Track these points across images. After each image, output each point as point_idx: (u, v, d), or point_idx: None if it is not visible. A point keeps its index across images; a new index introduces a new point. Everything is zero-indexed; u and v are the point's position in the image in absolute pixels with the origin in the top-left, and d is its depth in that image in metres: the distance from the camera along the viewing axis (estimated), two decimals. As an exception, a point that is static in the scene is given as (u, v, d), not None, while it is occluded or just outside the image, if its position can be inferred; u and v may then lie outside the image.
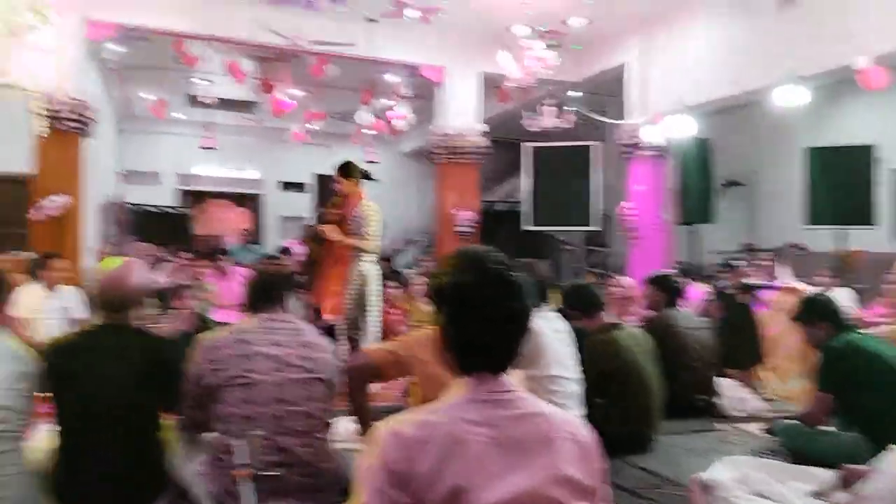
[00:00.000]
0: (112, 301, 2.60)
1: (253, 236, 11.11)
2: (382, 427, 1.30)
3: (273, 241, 14.49)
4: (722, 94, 7.55)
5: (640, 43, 8.59)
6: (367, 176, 5.16)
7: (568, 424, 1.37)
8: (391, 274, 7.16)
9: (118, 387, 2.48)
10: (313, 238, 5.12)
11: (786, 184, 8.47)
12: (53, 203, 6.97)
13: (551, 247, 11.23)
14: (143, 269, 2.73)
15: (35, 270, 5.49)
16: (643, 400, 3.62)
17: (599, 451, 1.40)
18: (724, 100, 7.70)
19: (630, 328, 3.92)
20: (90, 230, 8.14)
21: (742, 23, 7.28)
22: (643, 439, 3.63)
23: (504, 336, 1.36)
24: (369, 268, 5.01)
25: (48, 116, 6.67)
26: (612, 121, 9.02)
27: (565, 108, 8.14)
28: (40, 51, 5.81)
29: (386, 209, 13.20)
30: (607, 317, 3.91)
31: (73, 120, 7.27)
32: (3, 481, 2.31)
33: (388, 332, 6.16)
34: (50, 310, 5.51)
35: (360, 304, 4.93)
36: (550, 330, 3.16)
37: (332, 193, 5.17)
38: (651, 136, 8.21)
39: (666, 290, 4.60)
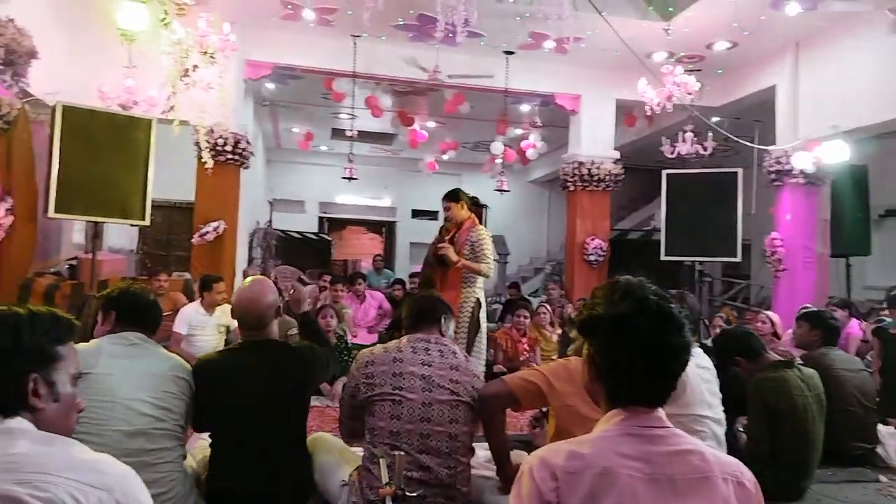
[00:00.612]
0: (247, 317, 2.71)
1: (385, 261, 11.43)
2: (532, 457, 1.29)
3: (403, 266, 14.98)
4: (882, 119, 6.99)
5: (791, 65, 8.14)
6: (476, 203, 5.09)
7: (728, 465, 1.31)
8: (520, 301, 7.13)
9: (263, 399, 2.58)
10: (432, 260, 5.08)
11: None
12: (212, 228, 7.49)
13: (687, 278, 10.78)
14: (272, 287, 2.80)
15: (201, 292, 5.85)
16: (803, 446, 3.34)
17: (761, 497, 1.32)
18: (884, 124, 7.12)
19: (802, 368, 3.62)
20: (242, 254, 8.67)
21: (906, 41, 6.73)
22: (797, 488, 3.36)
23: (662, 370, 1.32)
24: (480, 293, 4.96)
25: (212, 149, 7.21)
26: (761, 146, 8.58)
27: (707, 134, 7.84)
28: (205, 89, 6.31)
29: (513, 237, 13.32)
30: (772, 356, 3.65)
31: (233, 152, 7.82)
32: (162, 479, 2.41)
33: (512, 359, 6.19)
34: (207, 327, 5.87)
35: (474, 328, 4.89)
36: (694, 366, 3.01)
37: (445, 220, 5.15)
38: (802, 162, 7.71)
39: (822, 327, 4.25)
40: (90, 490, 1.20)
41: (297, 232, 14.24)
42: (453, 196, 4.95)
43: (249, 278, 2.89)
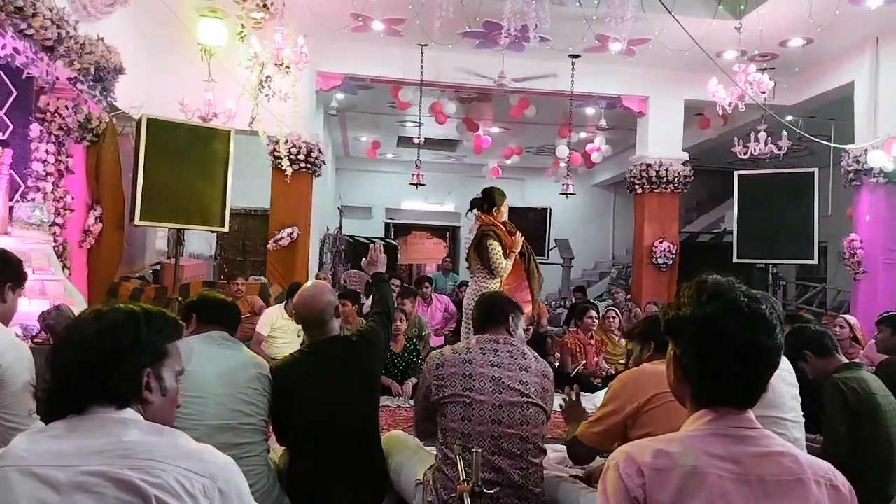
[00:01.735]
0: (308, 317, 2.82)
1: (450, 265, 11.59)
2: (618, 453, 1.28)
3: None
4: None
5: (870, 61, 7.79)
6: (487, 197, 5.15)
7: (821, 468, 1.27)
8: (586, 304, 7.03)
9: (336, 391, 2.66)
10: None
11: None
12: (286, 234, 7.67)
13: (760, 281, 10.47)
14: (329, 289, 2.90)
15: (288, 298, 5.91)
16: (888, 450, 3.14)
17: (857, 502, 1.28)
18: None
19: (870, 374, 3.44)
20: (314, 259, 8.85)
21: None
22: (883, 496, 3.15)
23: (753, 373, 1.29)
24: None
25: (287, 158, 7.41)
26: (837, 145, 8.26)
27: (781, 133, 7.58)
28: (283, 99, 6.36)
29: (578, 240, 13.19)
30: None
31: (306, 161, 8.01)
32: (249, 472, 2.42)
33: (577, 358, 6.12)
34: (288, 331, 5.99)
35: None
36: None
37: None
38: (881, 160, 7.38)
39: (906, 331, 4.01)
40: (195, 477, 1.26)
41: (365, 237, 14.37)
42: (489, 201, 5.09)
43: (309, 283, 2.99)
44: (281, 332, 5.95)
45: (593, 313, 6.29)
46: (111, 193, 6.23)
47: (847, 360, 3.40)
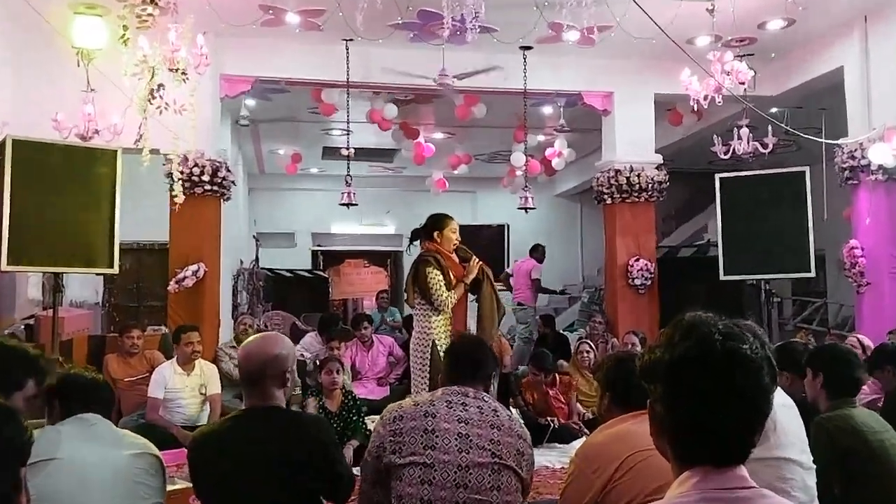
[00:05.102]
0: (254, 379, 2.68)
1: (387, 300, 11.41)
2: None
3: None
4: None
5: (859, 42, 8.08)
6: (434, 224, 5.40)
7: None
8: (554, 338, 7.06)
9: (271, 482, 2.53)
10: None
11: None
12: (191, 273, 7.52)
13: (752, 300, 10.69)
14: (285, 342, 2.81)
15: (172, 345, 5.90)
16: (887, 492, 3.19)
17: None
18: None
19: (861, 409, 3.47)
20: (226, 300, 8.68)
21: None
22: None
23: (735, 421, 1.31)
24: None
25: (186, 180, 7.25)
26: (829, 140, 8.52)
27: (766, 128, 7.79)
28: (178, 111, 6.15)
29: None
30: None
31: (211, 182, 7.84)
32: None
33: (546, 412, 6.13)
34: (185, 389, 5.90)
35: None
36: (778, 404, 2.94)
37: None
38: (880, 155, 7.63)
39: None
40: None
41: (288, 270, 14.21)
42: (435, 226, 5.37)
43: (258, 335, 2.96)
44: (177, 392, 5.90)
45: (585, 346, 6.36)
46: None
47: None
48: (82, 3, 6.70)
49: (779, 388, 2.95)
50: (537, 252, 10.74)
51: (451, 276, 5.13)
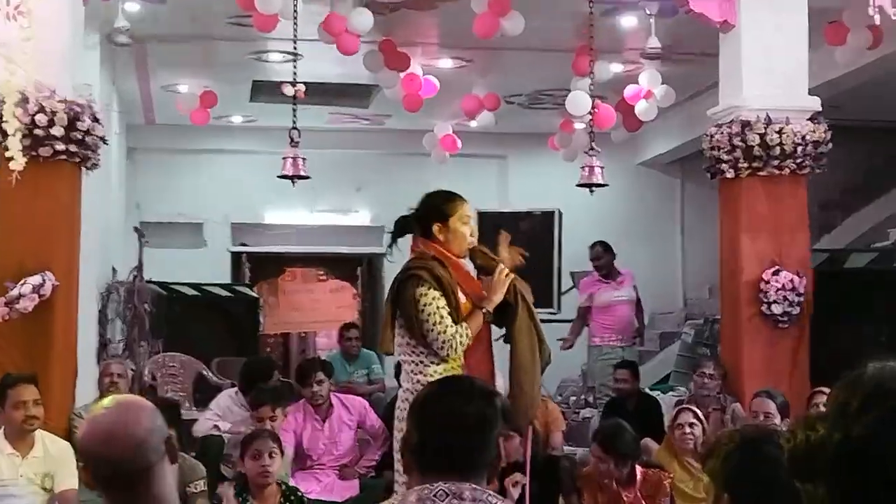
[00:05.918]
0: (102, 468, 2.09)
1: (364, 334, 9.50)
2: None
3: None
4: None
5: None
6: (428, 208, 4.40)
7: None
8: (638, 401, 6.58)
9: None
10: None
11: None
12: (30, 289, 5.89)
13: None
14: (154, 414, 2.18)
15: None
16: None
17: None
18: None
19: None
20: (88, 332, 7.16)
21: None
22: None
23: None
24: None
25: (26, 135, 5.60)
26: None
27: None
28: (9, 18, 5.01)
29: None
30: None
31: (67, 139, 6.06)
32: None
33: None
34: (21, 480, 5.00)
35: None
36: None
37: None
38: None
39: None
40: None
41: (192, 285, 10.59)
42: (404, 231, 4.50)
43: (107, 400, 2.30)
44: (4, 487, 4.97)
45: (689, 416, 5.36)
46: None
47: None
48: None
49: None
50: (608, 254, 8.77)
51: (462, 299, 4.15)
